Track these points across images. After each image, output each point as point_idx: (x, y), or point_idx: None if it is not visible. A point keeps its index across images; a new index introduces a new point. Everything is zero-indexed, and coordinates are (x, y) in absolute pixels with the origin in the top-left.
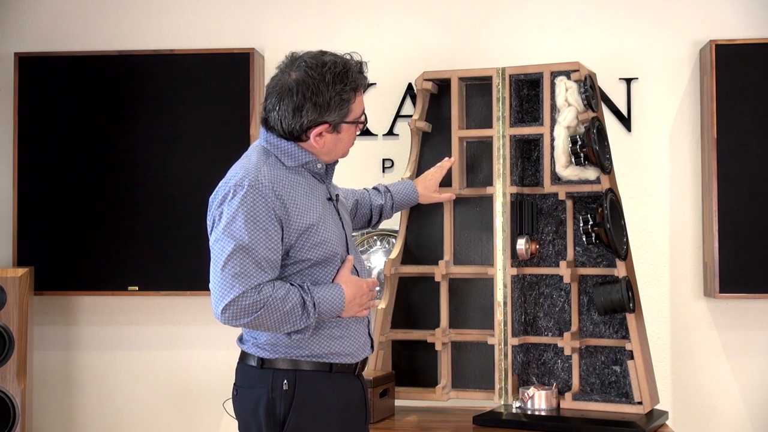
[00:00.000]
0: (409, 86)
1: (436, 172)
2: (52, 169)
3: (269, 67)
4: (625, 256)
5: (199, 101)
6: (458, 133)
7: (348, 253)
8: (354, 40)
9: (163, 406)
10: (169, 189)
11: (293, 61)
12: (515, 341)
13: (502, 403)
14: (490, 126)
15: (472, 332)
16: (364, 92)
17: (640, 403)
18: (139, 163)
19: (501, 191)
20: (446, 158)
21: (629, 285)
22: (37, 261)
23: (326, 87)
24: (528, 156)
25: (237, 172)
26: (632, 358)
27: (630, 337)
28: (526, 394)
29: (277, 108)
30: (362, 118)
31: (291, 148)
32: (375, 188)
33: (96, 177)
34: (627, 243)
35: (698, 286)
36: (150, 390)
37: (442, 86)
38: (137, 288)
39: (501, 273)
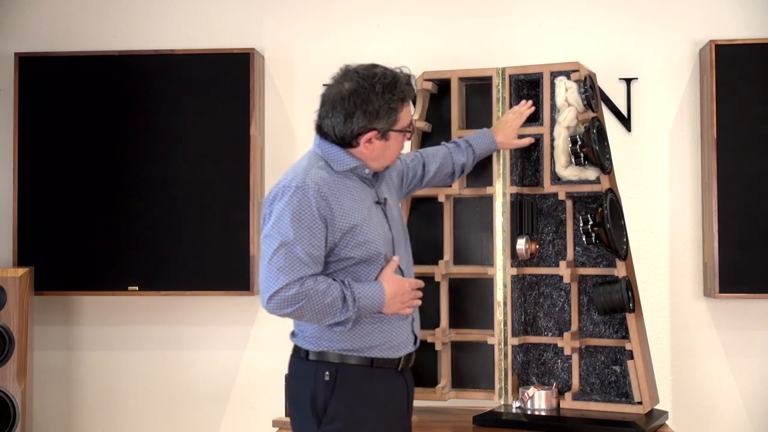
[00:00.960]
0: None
1: (515, 119)
2: (52, 169)
3: (269, 67)
4: (625, 256)
5: (199, 101)
6: (458, 133)
7: (394, 254)
8: (354, 40)
9: (163, 406)
10: (170, 189)
11: (346, 73)
12: (515, 341)
13: (502, 403)
14: (490, 126)
15: (472, 332)
16: (413, 104)
17: (640, 403)
18: (140, 163)
19: (501, 191)
20: (523, 102)
21: (629, 285)
22: (37, 261)
23: (376, 96)
24: (528, 156)
25: (288, 175)
26: (632, 358)
27: (630, 337)
28: (526, 394)
29: (331, 115)
30: (409, 127)
31: (340, 155)
32: (456, 143)
33: (96, 177)
34: (627, 243)
35: (698, 286)
36: (150, 390)
37: (442, 86)
38: (137, 288)
39: (501, 273)
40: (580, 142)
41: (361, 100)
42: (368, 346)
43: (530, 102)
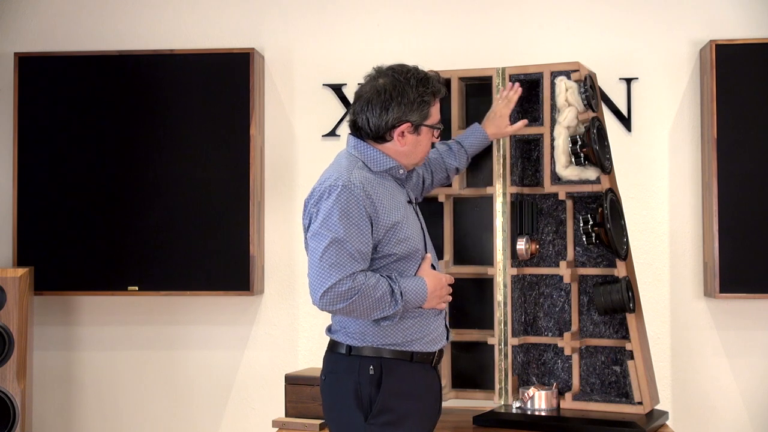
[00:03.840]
0: None
1: (503, 107)
2: (52, 169)
3: (269, 67)
4: (625, 256)
5: (199, 101)
6: (458, 133)
7: (426, 251)
8: (354, 40)
9: (163, 406)
10: (170, 189)
11: (379, 71)
12: (515, 341)
13: (502, 403)
14: None
15: (472, 332)
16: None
17: (640, 403)
18: (139, 163)
19: (501, 191)
20: (509, 84)
21: (629, 285)
22: (37, 261)
23: (411, 89)
24: (528, 156)
25: (330, 174)
26: (632, 358)
27: (630, 337)
28: (526, 394)
29: (366, 108)
30: (439, 124)
31: (376, 155)
32: (448, 147)
33: (96, 177)
34: (627, 243)
35: (698, 286)
36: (150, 390)
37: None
38: (137, 288)
39: (501, 273)
40: (580, 142)
41: (397, 92)
42: (409, 341)
43: (517, 84)
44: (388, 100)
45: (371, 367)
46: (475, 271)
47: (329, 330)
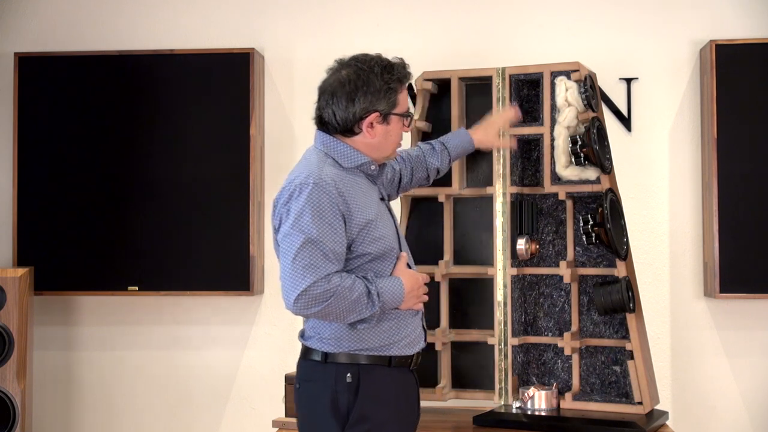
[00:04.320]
0: (409, 86)
1: (499, 120)
2: (52, 169)
3: (269, 67)
4: (625, 256)
5: (199, 101)
6: None
7: (400, 250)
8: (354, 40)
9: (163, 406)
10: (170, 189)
11: (342, 62)
12: (515, 341)
13: (502, 403)
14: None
15: (472, 332)
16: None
17: (640, 403)
18: (139, 163)
19: (501, 191)
20: (510, 106)
21: (629, 285)
22: (37, 261)
23: (376, 77)
24: (528, 156)
25: (300, 172)
26: (632, 358)
27: (630, 337)
28: (526, 394)
29: (332, 102)
30: (408, 112)
31: (346, 150)
32: (431, 146)
33: (96, 177)
34: (627, 243)
35: (698, 286)
36: (150, 390)
37: (442, 86)
38: (137, 288)
39: (501, 273)
40: (580, 142)
41: (362, 81)
42: (387, 344)
43: (518, 109)
44: (354, 91)
45: (348, 374)
46: (475, 271)
47: (302, 335)
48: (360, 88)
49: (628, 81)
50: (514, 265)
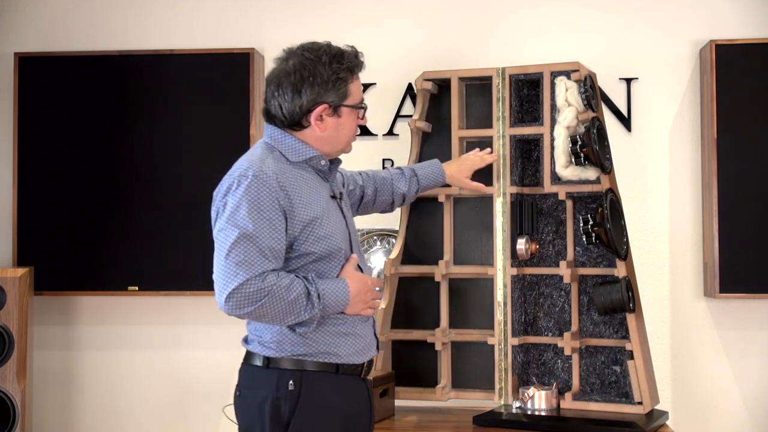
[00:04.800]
0: (409, 86)
1: (475, 161)
2: (52, 169)
3: (269, 67)
4: (625, 256)
5: (199, 101)
6: (458, 133)
7: (351, 251)
8: (354, 40)
9: (164, 406)
10: (170, 189)
11: (289, 52)
12: (515, 341)
13: (502, 403)
14: (490, 126)
15: (472, 332)
16: (368, 91)
17: (640, 403)
18: (139, 163)
19: (501, 191)
20: (488, 150)
21: (629, 285)
22: (37, 261)
23: (323, 66)
24: (528, 156)
25: (241, 164)
26: (632, 358)
27: (630, 337)
28: (526, 394)
29: (277, 93)
30: (362, 104)
31: (295, 144)
32: (400, 170)
33: (96, 177)
34: (627, 243)
35: (698, 286)
36: (150, 390)
37: (442, 86)
38: (137, 288)
39: (501, 273)
40: (580, 142)
41: (308, 72)
42: (333, 351)
43: (494, 154)
44: (300, 82)
45: (291, 381)
46: (475, 271)
47: (245, 339)
48: (306, 78)
49: (628, 81)
50: (514, 265)
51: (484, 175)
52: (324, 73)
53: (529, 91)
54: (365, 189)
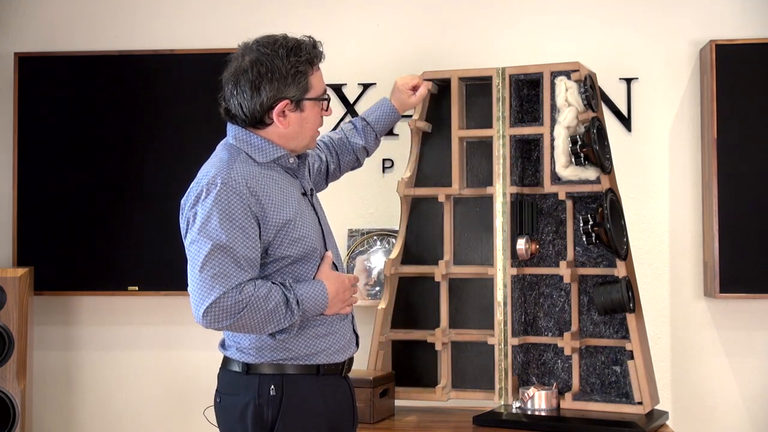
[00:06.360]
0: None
1: (407, 78)
2: (52, 170)
3: None
4: (625, 256)
5: (199, 101)
6: (458, 133)
7: (326, 249)
8: (354, 40)
9: (164, 406)
10: (169, 189)
11: (245, 48)
12: (515, 341)
13: (502, 403)
14: (490, 126)
15: (472, 332)
16: (329, 84)
17: (640, 403)
18: (139, 163)
19: (501, 191)
20: (424, 81)
21: (629, 285)
22: (37, 261)
23: (281, 60)
24: (528, 156)
25: (208, 171)
26: (632, 358)
27: (630, 337)
28: (526, 394)
29: (236, 92)
30: (325, 95)
31: (260, 144)
32: (352, 125)
33: (96, 177)
34: (627, 243)
35: (698, 286)
36: (150, 390)
37: (442, 86)
38: (137, 288)
39: (501, 273)
40: (580, 142)
41: (266, 68)
42: (313, 352)
43: (429, 85)
44: (258, 79)
45: (272, 386)
46: (475, 271)
47: (222, 345)
48: (264, 75)
49: (628, 81)
50: (514, 265)
51: (484, 175)
52: (282, 68)
53: (529, 91)
54: (329, 159)
